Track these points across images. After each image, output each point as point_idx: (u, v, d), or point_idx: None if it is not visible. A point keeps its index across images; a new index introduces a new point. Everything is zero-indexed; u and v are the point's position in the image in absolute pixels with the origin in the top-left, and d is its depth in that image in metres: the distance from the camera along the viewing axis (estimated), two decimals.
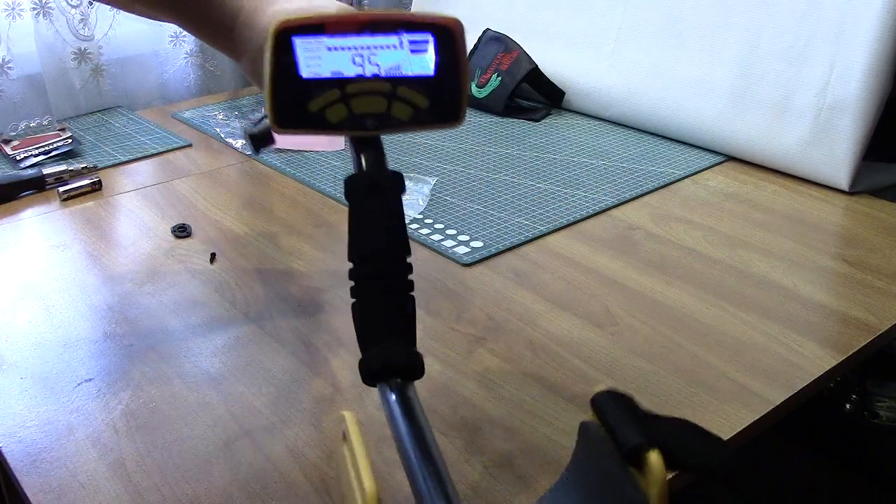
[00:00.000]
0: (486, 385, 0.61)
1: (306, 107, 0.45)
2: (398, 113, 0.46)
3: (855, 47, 0.90)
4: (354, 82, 0.45)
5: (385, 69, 0.45)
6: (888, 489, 1.20)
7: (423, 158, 1.04)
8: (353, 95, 0.45)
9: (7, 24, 1.17)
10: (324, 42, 0.44)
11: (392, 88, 0.45)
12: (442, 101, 0.47)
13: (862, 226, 0.85)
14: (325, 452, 0.55)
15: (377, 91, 0.45)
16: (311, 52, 0.44)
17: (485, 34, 1.26)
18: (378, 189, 0.47)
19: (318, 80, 0.45)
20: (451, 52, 0.45)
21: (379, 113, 0.46)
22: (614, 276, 0.76)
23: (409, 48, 0.45)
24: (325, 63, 0.45)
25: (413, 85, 0.45)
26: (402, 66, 0.45)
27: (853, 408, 1.23)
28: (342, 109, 0.45)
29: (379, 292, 0.47)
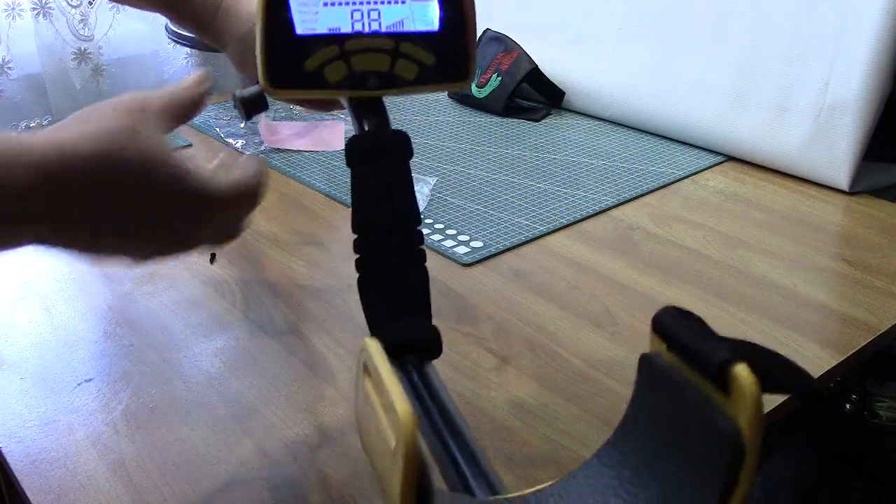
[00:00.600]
0: (485, 385, 0.61)
1: (302, 65, 0.42)
2: (402, 71, 0.43)
3: (855, 47, 0.90)
4: (354, 38, 0.42)
5: (387, 25, 0.43)
6: (888, 489, 1.20)
7: (423, 158, 1.04)
8: (353, 52, 0.42)
9: (7, 24, 1.17)
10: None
11: (395, 45, 0.43)
12: (448, 58, 0.44)
13: (862, 226, 0.85)
14: (325, 452, 0.55)
15: (379, 48, 0.43)
16: (307, 6, 0.42)
17: (485, 34, 1.26)
18: (381, 153, 0.44)
19: (314, 36, 0.42)
20: (456, 4, 0.43)
21: (382, 71, 0.43)
22: (614, 276, 0.76)
23: (412, 1, 0.43)
24: (321, 18, 0.42)
25: (417, 41, 0.43)
26: (405, 21, 0.43)
27: (853, 408, 1.23)
28: (342, 67, 0.43)
29: (386, 265, 0.44)
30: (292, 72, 0.43)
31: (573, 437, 0.55)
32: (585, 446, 0.54)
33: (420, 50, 0.43)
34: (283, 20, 0.42)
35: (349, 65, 0.43)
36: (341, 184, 0.97)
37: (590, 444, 0.55)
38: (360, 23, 0.42)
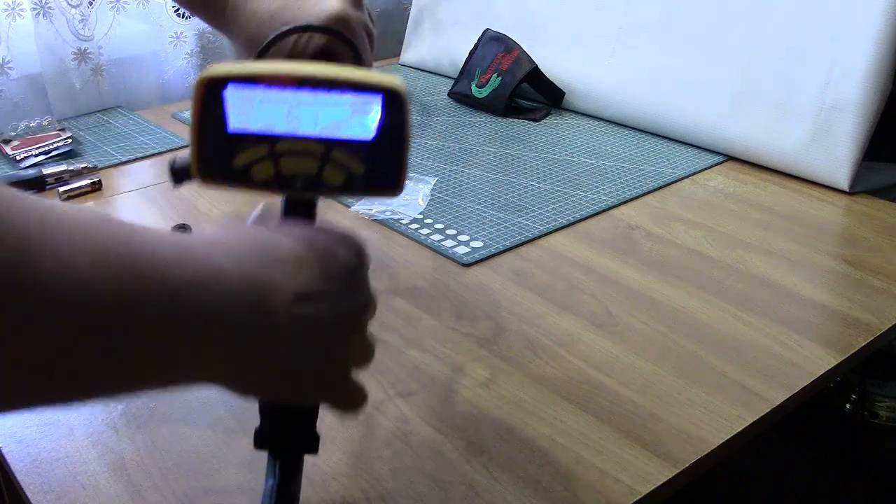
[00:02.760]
0: (486, 385, 0.61)
1: (231, 161, 0.41)
2: (330, 177, 0.42)
3: (855, 47, 0.90)
4: (285, 140, 0.41)
5: (321, 129, 0.41)
6: (888, 489, 1.20)
7: (423, 158, 1.04)
8: (282, 154, 0.41)
9: (7, 24, 1.17)
10: (257, 94, 0.40)
11: (325, 150, 0.41)
12: (379, 168, 0.42)
13: (862, 226, 0.85)
14: (324, 452, 0.55)
15: (309, 151, 0.41)
16: (242, 104, 0.40)
17: (485, 34, 1.26)
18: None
19: (245, 134, 0.41)
20: (397, 117, 0.41)
21: (309, 174, 0.42)
22: (614, 276, 0.76)
23: (352, 109, 0.41)
24: (255, 116, 0.41)
25: (349, 149, 0.41)
26: (341, 126, 0.41)
27: (853, 408, 1.23)
28: (269, 168, 0.41)
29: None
30: (220, 166, 0.42)
31: (573, 437, 0.55)
32: (586, 446, 0.55)
33: (351, 158, 0.42)
34: (216, 114, 0.40)
35: (277, 165, 0.41)
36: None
37: (590, 444, 0.55)
38: (294, 123, 0.41)
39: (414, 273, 0.78)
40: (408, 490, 0.51)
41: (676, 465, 0.53)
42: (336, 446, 0.55)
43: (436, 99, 1.28)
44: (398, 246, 0.82)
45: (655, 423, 0.57)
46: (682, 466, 0.53)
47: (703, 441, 0.55)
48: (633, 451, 0.54)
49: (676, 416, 0.57)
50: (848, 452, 1.24)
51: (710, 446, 0.54)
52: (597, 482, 0.52)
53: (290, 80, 0.40)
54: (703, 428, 0.56)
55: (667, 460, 0.53)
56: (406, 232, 0.85)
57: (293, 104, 0.41)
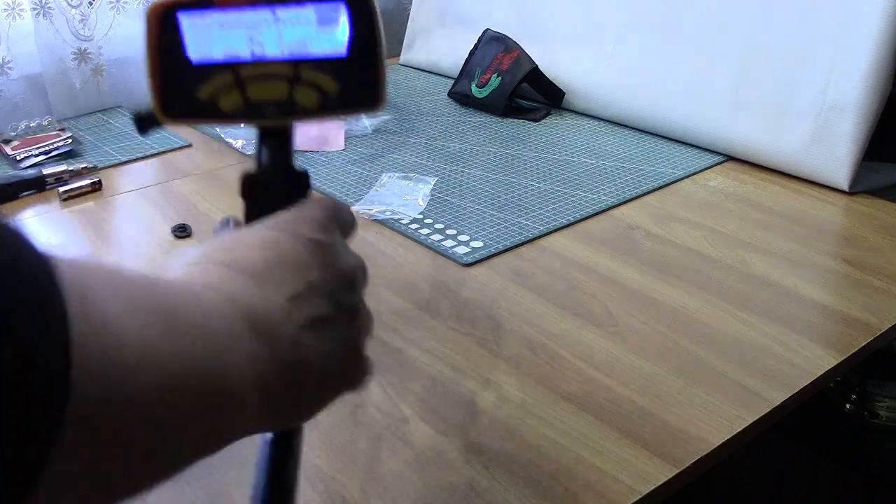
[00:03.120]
0: (485, 385, 0.61)
1: (195, 93, 0.39)
2: (302, 99, 0.39)
3: (855, 47, 0.90)
4: (250, 65, 0.38)
5: (288, 48, 0.39)
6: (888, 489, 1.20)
7: (423, 158, 1.04)
8: (249, 79, 0.39)
9: (7, 24, 1.17)
10: (214, 18, 0.38)
11: (294, 71, 0.39)
12: (355, 83, 0.39)
13: (862, 226, 0.85)
14: (324, 452, 0.55)
15: (277, 74, 0.39)
16: (200, 30, 0.38)
17: (485, 34, 1.26)
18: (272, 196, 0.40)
19: (207, 63, 0.39)
20: (366, 25, 0.39)
21: (280, 99, 0.39)
22: (614, 276, 0.76)
23: (317, 22, 0.38)
24: (216, 43, 0.38)
25: (321, 67, 0.39)
26: (307, 44, 0.38)
27: (853, 408, 1.23)
28: (236, 96, 0.39)
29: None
30: (184, 100, 0.39)
31: (573, 437, 0.55)
32: (586, 446, 0.55)
33: (323, 76, 0.39)
34: (174, 44, 0.38)
35: (244, 93, 0.39)
36: (341, 184, 0.97)
37: (590, 443, 0.55)
38: (258, 45, 0.38)
39: (414, 273, 0.78)
40: (408, 490, 0.52)
41: (676, 465, 0.53)
42: (336, 446, 0.55)
43: (436, 99, 1.28)
44: (398, 246, 0.82)
45: (655, 423, 0.57)
46: (682, 466, 0.53)
47: (703, 441, 0.55)
48: (633, 451, 0.54)
49: (676, 416, 0.57)
50: (848, 452, 1.24)
51: (710, 446, 0.54)
52: (597, 482, 0.52)
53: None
54: (703, 428, 0.56)
55: (667, 460, 0.53)
56: (406, 232, 0.85)
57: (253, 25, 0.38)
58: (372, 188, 0.95)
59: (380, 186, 0.95)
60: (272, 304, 0.34)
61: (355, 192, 0.94)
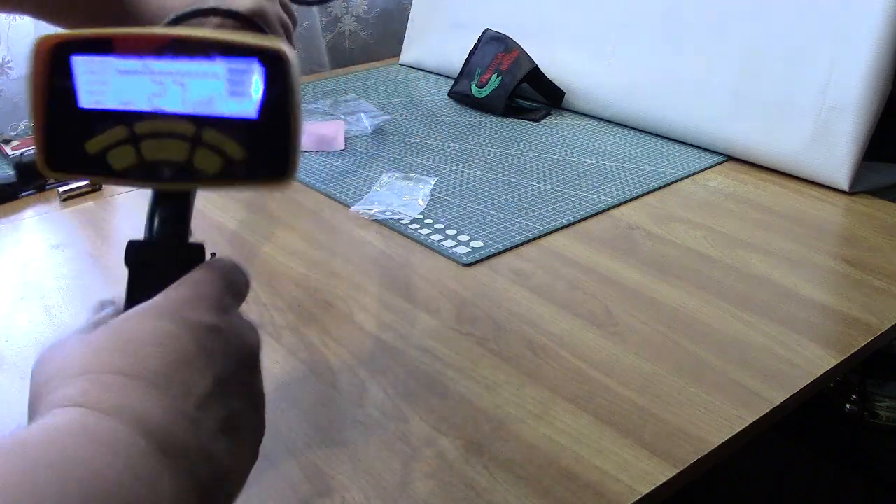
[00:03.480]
0: (485, 385, 0.61)
1: (84, 146, 0.35)
2: (203, 163, 0.35)
3: (855, 47, 0.90)
4: (147, 119, 0.34)
5: (192, 104, 0.34)
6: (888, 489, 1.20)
7: (423, 158, 1.04)
8: (144, 136, 0.34)
9: (7, 24, 1.17)
10: (111, 64, 0.34)
11: (197, 130, 0.34)
12: (264, 151, 0.35)
13: (862, 226, 0.85)
14: (325, 452, 0.55)
15: (176, 133, 0.34)
16: (95, 75, 0.34)
17: (485, 34, 1.26)
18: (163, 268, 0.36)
19: (100, 111, 0.34)
20: (282, 87, 0.34)
21: (178, 161, 0.35)
22: (614, 276, 0.76)
23: (227, 79, 0.34)
24: (111, 91, 0.34)
25: (226, 128, 0.34)
26: (214, 102, 0.34)
27: (853, 408, 1.23)
28: (129, 153, 0.35)
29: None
30: (71, 153, 0.35)
31: (573, 437, 0.55)
32: (585, 446, 0.55)
33: (228, 140, 0.34)
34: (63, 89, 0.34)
35: (138, 150, 0.35)
36: (341, 184, 0.97)
37: (590, 443, 0.55)
38: (158, 98, 0.34)
39: (414, 273, 0.78)
40: (408, 490, 0.51)
41: (676, 465, 0.53)
42: (336, 446, 0.55)
43: (436, 99, 1.28)
44: (398, 246, 0.82)
45: (655, 423, 0.57)
46: (682, 466, 0.53)
47: (703, 441, 0.55)
48: (633, 451, 0.54)
49: (676, 416, 0.57)
50: (848, 452, 1.24)
51: (710, 446, 0.54)
52: (597, 482, 0.52)
53: (148, 44, 0.34)
54: (703, 428, 0.56)
55: (667, 460, 0.53)
56: (406, 232, 0.85)
57: (155, 75, 0.34)
58: (372, 188, 0.95)
59: (380, 186, 0.95)
60: (180, 416, 0.30)
61: (355, 192, 0.94)
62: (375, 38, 1.64)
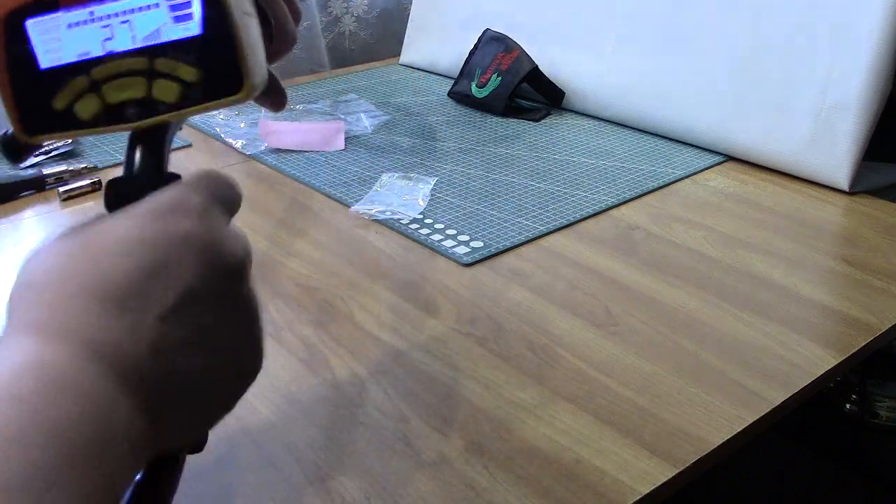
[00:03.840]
0: (486, 385, 0.61)
1: (51, 104, 0.36)
2: (162, 94, 0.36)
3: (855, 47, 0.90)
4: (101, 63, 0.35)
5: (141, 39, 0.35)
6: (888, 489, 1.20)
7: (423, 158, 1.04)
8: (104, 81, 0.35)
9: None
10: (62, 19, 0.35)
11: (150, 62, 0.35)
12: (216, 70, 0.36)
13: (862, 226, 0.85)
14: (324, 452, 0.55)
15: (131, 70, 0.35)
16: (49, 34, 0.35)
17: (485, 34, 1.26)
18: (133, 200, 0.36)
19: (59, 67, 0.35)
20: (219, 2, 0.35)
21: (138, 97, 0.36)
22: (614, 276, 0.76)
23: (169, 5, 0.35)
24: (67, 45, 0.35)
25: (176, 53, 0.35)
26: (161, 32, 0.35)
27: (853, 408, 1.23)
28: (93, 101, 0.36)
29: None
30: (42, 114, 0.36)
31: (573, 437, 0.55)
32: (585, 446, 0.55)
33: (179, 64, 0.35)
34: (23, 53, 0.35)
35: (101, 96, 0.36)
36: (341, 184, 0.97)
37: (590, 444, 0.55)
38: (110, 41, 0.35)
39: (414, 273, 0.78)
40: (408, 490, 0.51)
41: (676, 465, 0.53)
42: (335, 446, 0.55)
43: (436, 99, 1.28)
44: (398, 246, 0.82)
45: (655, 423, 0.57)
46: (682, 466, 0.53)
47: (703, 441, 0.55)
48: (633, 451, 0.54)
49: (676, 416, 0.57)
50: (848, 452, 1.24)
51: (710, 446, 0.54)
52: (597, 482, 0.52)
53: None
54: (703, 428, 0.56)
55: (667, 460, 0.53)
56: (406, 232, 0.85)
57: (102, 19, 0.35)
58: (372, 188, 0.95)
59: (380, 186, 0.95)
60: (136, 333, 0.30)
61: (355, 192, 0.94)
62: (375, 38, 1.64)
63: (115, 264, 0.31)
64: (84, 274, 0.30)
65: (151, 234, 0.32)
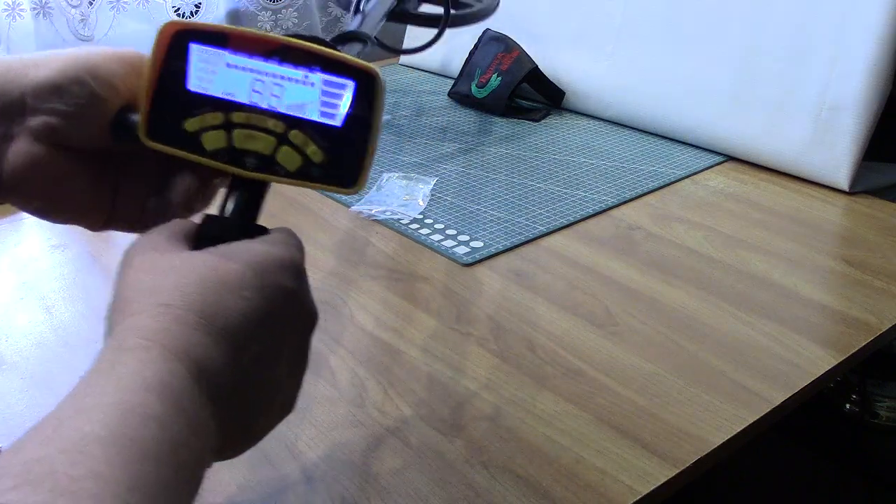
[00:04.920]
0: (486, 385, 0.61)
1: (182, 123, 0.39)
2: (285, 160, 0.39)
3: (855, 47, 0.90)
4: (244, 110, 0.38)
5: (286, 106, 0.38)
6: (888, 489, 1.20)
7: (423, 158, 1.04)
8: (237, 125, 0.38)
9: (7, 24, 1.16)
10: (223, 57, 0.38)
11: (285, 129, 0.38)
12: (340, 160, 0.39)
13: (862, 226, 0.85)
14: (325, 452, 0.55)
15: (266, 128, 0.38)
16: (206, 63, 0.38)
17: (485, 34, 1.26)
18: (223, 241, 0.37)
19: (203, 96, 0.38)
20: (367, 105, 0.38)
21: (263, 153, 0.39)
22: (614, 276, 0.76)
23: (322, 89, 0.38)
24: (218, 80, 0.38)
25: (311, 132, 0.38)
26: (306, 108, 0.38)
27: (853, 408, 1.23)
28: (221, 137, 0.39)
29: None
30: (170, 127, 0.39)
31: (573, 437, 0.55)
32: (585, 446, 0.55)
33: (311, 142, 0.38)
34: (177, 69, 0.38)
35: (230, 136, 0.38)
36: None
37: (589, 443, 0.55)
38: (257, 95, 0.38)
39: (414, 273, 0.78)
40: (408, 490, 0.52)
41: (676, 465, 0.53)
42: (336, 446, 0.55)
43: (436, 99, 1.28)
44: (398, 246, 0.82)
45: (655, 423, 0.57)
46: (682, 466, 0.53)
47: (703, 441, 0.55)
48: (633, 451, 0.54)
49: (676, 416, 0.57)
50: (848, 452, 1.24)
51: (710, 446, 0.54)
52: (597, 482, 0.52)
53: (260, 46, 0.38)
54: (703, 428, 0.56)
55: (667, 460, 0.53)
56: (406, 232, 0.85)
57: (259, 74, 0.38)
58: (372, 188, 0.95)
59: (380, 186, 0.95)
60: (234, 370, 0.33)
61: None
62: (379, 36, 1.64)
63: (235, 303, 0.34)
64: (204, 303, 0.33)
65: (267, 285, 0.35)
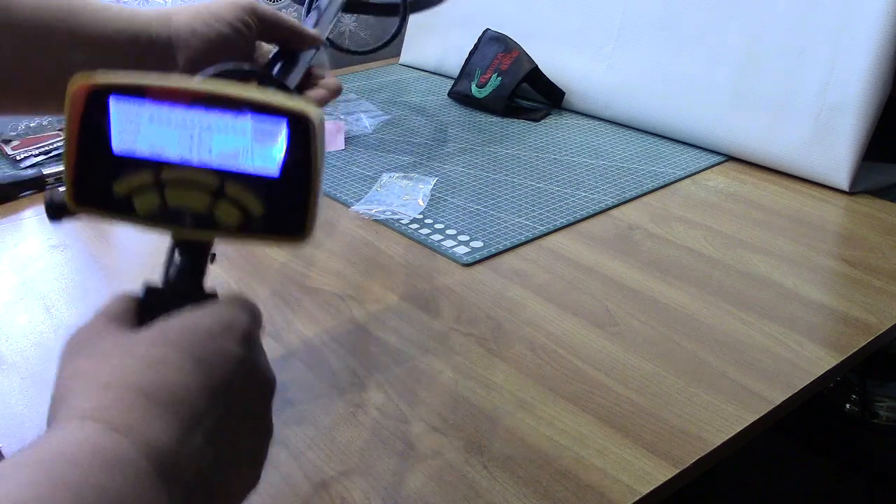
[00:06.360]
0: (485, 385, 0.61)
1: (111, 187, 0.36)
2: (223, 215, 0.36)
3: (855, 47, 0.90)
4: (174, 168, 0.36)
5: (217, 157, 0.35)
6: (888, 489, 1.20)
7: (423, 158, 1.04)
8: (169, 183, 0.36)
9: None
10: (146, 110, 0.35)
11: (220, 183, 0.36)
12: (282, 210, 0.36)
13: (862, 226, 0.85)
14: (324, 451, 0.55)
15: (199, 183, 0.36)
16: (129, 120, 0.36)
17: (485, 34, 1.26)
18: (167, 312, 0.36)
19: (129, 157, 0.36)
20: (304, 147, 0.35)
21: (199, 211, 0.36)
22: (614, 276, 0.76)
23: (253, 135, 0.35)
24: (143, 137, 0.36)
25: (247, 184, 0.36)
26: (239, 157, 0.35)
27: (853, 408, 1.23)
28: (153, 198, 0.36)
29: None
30: (98, 191, 0.36)
31: (573, 437, 0.55)
32: (585, 446, 0.55)
33: (249, 195, 0.36)
34: (98, 129, 0.36)
35: (163, 196, 0.36)
36: (341, 184, 0.97)
37: (589, 443, 0.55)
38: (186, 148, 0.35)
39: (414, 273, 0.78)
40: (408, 490, 0.52)
41: (676, 465, 0.53)
42: (336, 446, 0.55)
43: (436, 99, 1.28)
44: (398, 246, 0.82)
45: (655, 423, 0.57)
46: (682, 466, 0.53)
47: (703, 441, 0.55)
48: (633, 451, 0.54)
49: (676, 416, 0.57)
50: (848, 452, 1.24)
51: (710, 446, 0.54)
52: (597, 482, 0.52)
53: (180, 95, 0.35)
54: (703, 428, 0.56)
55: (667, 460, 0.53)
56: (406, 232, 0.85)
57: (185, 126, 0.35)
58: (372, 188, 0.95)
59: (380, 186, 0.95)
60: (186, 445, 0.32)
61: (355, 192, 0.94)
62: (375, 38, 1.64)
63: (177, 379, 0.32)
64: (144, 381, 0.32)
65: (209, 356, 0.34)
